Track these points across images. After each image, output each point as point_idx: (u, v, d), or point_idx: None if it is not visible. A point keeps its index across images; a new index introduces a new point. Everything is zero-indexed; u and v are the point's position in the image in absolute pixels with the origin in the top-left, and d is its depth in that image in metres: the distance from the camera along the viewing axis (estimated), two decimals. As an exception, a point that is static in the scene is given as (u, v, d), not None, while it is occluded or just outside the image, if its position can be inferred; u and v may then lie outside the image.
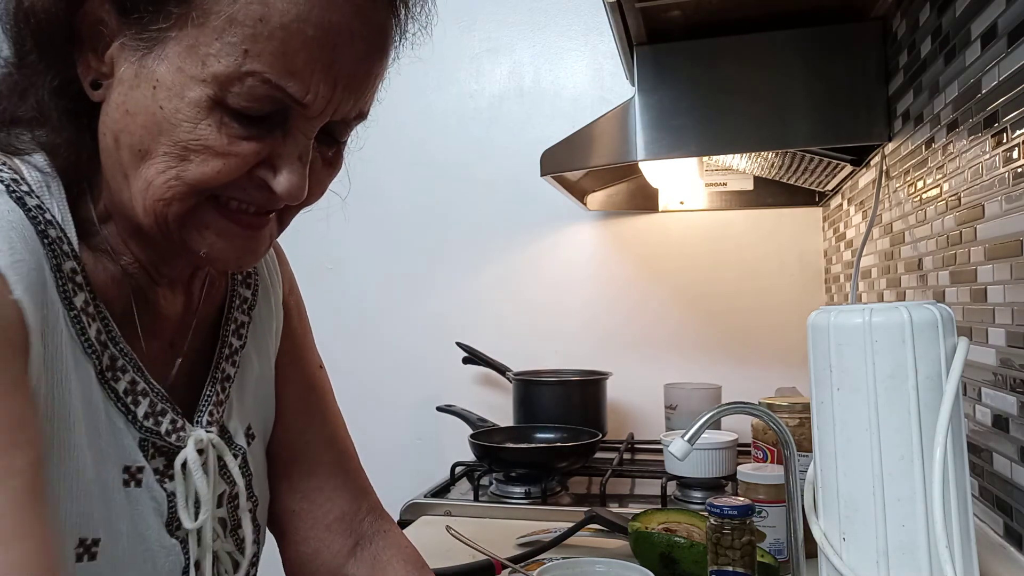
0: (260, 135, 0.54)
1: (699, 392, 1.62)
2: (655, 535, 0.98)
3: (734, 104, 1.21)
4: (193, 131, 0.52)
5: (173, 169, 0.53)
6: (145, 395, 0.61)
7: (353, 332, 1.98)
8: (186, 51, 0.52)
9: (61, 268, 0.55)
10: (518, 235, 1.90)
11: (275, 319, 0.78)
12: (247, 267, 0.74)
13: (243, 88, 0.51)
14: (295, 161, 0.56)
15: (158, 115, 0.52)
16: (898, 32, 1.11)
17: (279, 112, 0.54)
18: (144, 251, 0.61)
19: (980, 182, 0.82)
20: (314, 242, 2.00)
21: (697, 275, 1.80)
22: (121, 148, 0.55)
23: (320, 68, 0.52)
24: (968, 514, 0.64)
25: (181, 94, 0.52)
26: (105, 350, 0.58)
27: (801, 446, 0.99)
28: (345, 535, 0.79)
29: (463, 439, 1.47)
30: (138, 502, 0.60)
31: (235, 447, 0.70)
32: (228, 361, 0.70)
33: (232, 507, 0.69)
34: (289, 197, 0.56)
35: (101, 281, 0.60)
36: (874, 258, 1.29)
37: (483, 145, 1.92)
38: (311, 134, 0.56)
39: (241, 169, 0.54)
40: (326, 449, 0.81)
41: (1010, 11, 0.73)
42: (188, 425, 0.64)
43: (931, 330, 0.63)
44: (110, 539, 0.57)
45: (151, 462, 0.61)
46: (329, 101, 0.54)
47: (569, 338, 1.85)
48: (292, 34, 0.51)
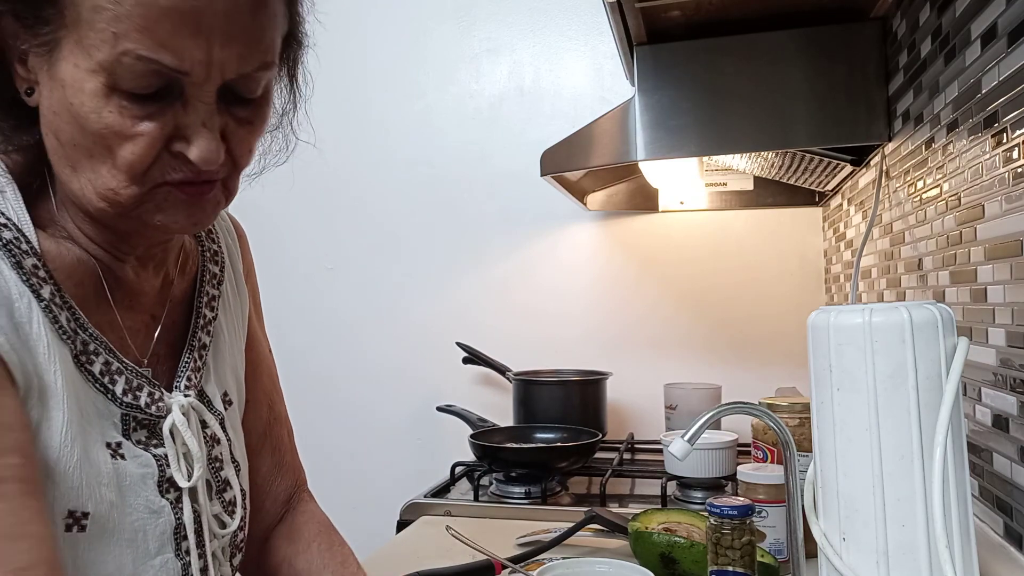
0: (160, 111, 0.56)
1: (699, 392, 1.62)
2: (655, 535, 0.98)
3: (734, 104, 1.21)
4: (99, 120, 0.55)
5: (108, 160, 0.57)
6: (120, 373, 0.64)
7: (354, 332, 1.98)
8: (74, 47, 0.54)
9: (22, 266, 0.58)
10: (518, 235, 1.90)
11: (240, 295, 0.82)
12: (200, 230, 0.78)
13: (124, 69, 0.53)
14: (200, 129, 0.57)
15: (72, 111, 0.56)
16: (898, 32, 1.11)
17: (171, 85, 0.55)
18: (100, 234, 0.65)
19: (980, 182, 0.82)
20: (314, 243, 2.00)
21: (697, 275, 1.80)
22: (63, 146, 0.58)
23: (187, 33, 0.53)
24: (968, 514, 0.64)
25: (81, 88, 0.55)
26: (77, 336, 0.62)
27: (801, 446, 0.99)
28: (275, 516, 0.87)
29: (463, 439, 1.47)
30: (127, 473, 0.63)
31: (214, 410, 0.73)
32: (203, 331, 0.75)
33: (215, 468, 0.71)
34: (204, 163, 0.57)
35: (68, 265, 0.63)
36: (874, 258, 1.29)
37: (483, 145, 1.92)
38: (209, 99, 0.57)
39: (154, 147, 0.56)
40: (265, 435, 0.86)
41: (1010, 11, 0.73)
42: (166, 394, 0.68)
43: (931, 330, 0.63)
44: (99, 511, 0.60)
45: (134, 434, 0.65)
46: (209, 64, 0.55)
47: (569, 338, 1.85)
48: (148, 7, 0.52)
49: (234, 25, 0.55)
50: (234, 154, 0.61)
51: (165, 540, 0.65)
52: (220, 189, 0.63)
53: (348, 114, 1.98)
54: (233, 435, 0.76)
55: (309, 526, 0.86)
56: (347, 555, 0.83)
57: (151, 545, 0.64)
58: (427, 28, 1.94)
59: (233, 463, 0.74)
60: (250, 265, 0.86)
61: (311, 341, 2.00)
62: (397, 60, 1.95)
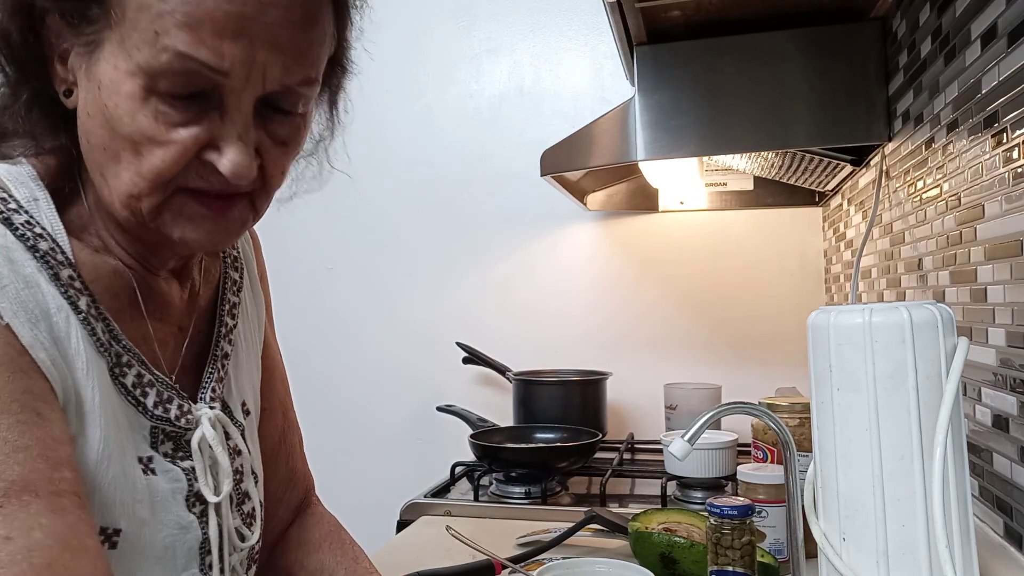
0: (196, 118, 0.55)
1: (699, 392, 1.62)
2: (655, 535, 0.98)
3: (734, 104, 1.21)
4: (132, 123, 0.54)
5: (133, 167, 0.56)
6: (151, 386, 0.64)
7: (354, 332, 1.98)
8: (116, 48, 0.54)
9: (59, 277, 0.57)
10: (518, 235, 1.90)
11: (258, 303, 0.82)
12: (222, 248, 0.77)
13: (163, 68, 0.53)
14: (235, 141, 0.56)
15: (106, 114, 0.55)
16: (898, 32, 1.11)
17: (210, 91, 0.55)
18: (131, 244, 0.64)
19: (980, 182, 0.82)
20: (315, 243, 2.00)
21: (697, 275, 1.80)
22: (94, 149, 0.58)
23: (230, 34, 0.53)
24: (968, 514, 0.64)
25: (118, 90, 0.54)
26: (111, 348, 0.61)
27: (801, 446, 0.99)
28: (286, 523, 0.87)
29: (463, 439, 1.47)
30: (158, 489, 0.62)
31: (236, 422, 0.73)
32: (225, 340, 0.74)
33: (236, 480, 0.71)
34: (235, 177, 0.56)
35: (104, 276, 0.62)
36: (874, 258, 1.29)
37: (483, 145, 1.92)
38: (246, 108, 0.56)
39: (185, 155, 0.55)
40: (280, 444, 0.85)
41: (1010, 11, 0.73)
42: (194, 407, 0.67)
43: (931, 330, 0.63)
44: (131, 528, 0.59)
45: (161, 447, 0.64)
46: (251, 67, 0.54)
47: (569, 338, 1.85)
48: (193, 5, 0.52)
49: (282, 34, 0.54)
50: (266, 173, 0.60)
51: (192, 556, 0.64)
52: (248, 207, 0.62)
53: (348, 114, 1.98)
54: (252, 446, 0.75)
55: (319, 528, 0.86)
56: (358, 553, 0.83)
57: (179, 561, 0.63)
58: (427, 28, 1.94)
59: (252, 475, 0.73)
60: (263, 270, 0.86)
61: (311, 341, 2.00)
62: (397, 60, 1.95)
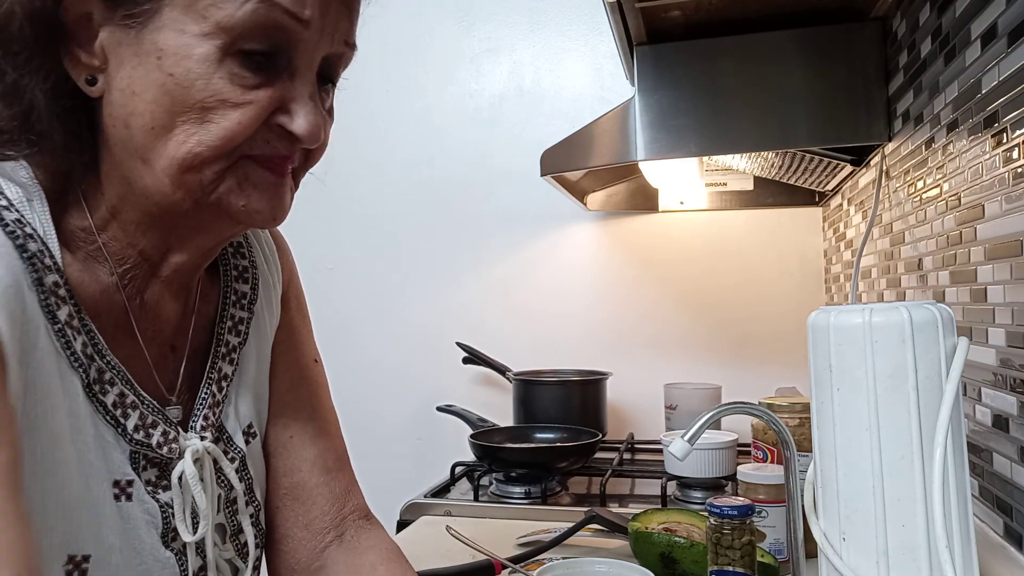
0: (269, 80, 0.55)
1: (699, 392, 1.62)
2: (655, 535, 0.98)
3: (734, 104, 1.21)
4: (207, 87, 0.53)
5: (195, 136, 0.54)
6: (135, 407, 0.60)
7: (354, 332, 1.98)
8: (183, 12, 0.53)
9: (43, 282, 0.54)
10: (518, 235, 1.90)
11: (274, 315, 0.77)
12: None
13: (246, 21, 0.53)
14: (308, 101, 0.57)
15: (168, 84, 0.53)
16: (898, 32, 1.11)
17: (284, 51, 0.56)
18: (162, 238, 0.61)
19: (980, 182, 0.82)
20: (314, 243, 2.00)
21: (697, 275, 1.80)
22: (134, 133, 0.55)
23: None
24: (968, 514, 0.64)
25: (188, 54, 0.53)
26: (92, 363, 0.57)
27: (801, 446, 0.99)
28: (323, 533, 0.76)
29: (463, 439, 1.47)
30: (130, 516, 0.59)
31: (234, 449, 0.69)
32: (225, 360, 0.70)
33: (231, 512, 0.68)
34: (310, 137, 0.57)
35: (91, 292, 0.59)
36: (874, 258, 1.29)
37: (483, 145, 1.92)
38: (315, 66, 0.58)
39: (260, 117, 0.55)
40: (310, 446, 0.77)
41: (1010, 11, 0.73)
42: (182, 435, 0.64)
43: (931, 330, 0.63)
44: (101, 555, 0.56)
45: (142, 474, 0.61)
46: (324, 19, 0.56)
47: (569, 338, 1.85)
48: None
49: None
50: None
51: None
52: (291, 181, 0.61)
53: (348, 114, 1.97)
54: (254, 471, 0.71)
55: (374, 551, 0.77)
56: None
57: None
58: (427, 28, 1.94)
59: (252, 504, 0.70)
60: (292, 273, 0.82)
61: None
62: (397, 60, 1.95)
